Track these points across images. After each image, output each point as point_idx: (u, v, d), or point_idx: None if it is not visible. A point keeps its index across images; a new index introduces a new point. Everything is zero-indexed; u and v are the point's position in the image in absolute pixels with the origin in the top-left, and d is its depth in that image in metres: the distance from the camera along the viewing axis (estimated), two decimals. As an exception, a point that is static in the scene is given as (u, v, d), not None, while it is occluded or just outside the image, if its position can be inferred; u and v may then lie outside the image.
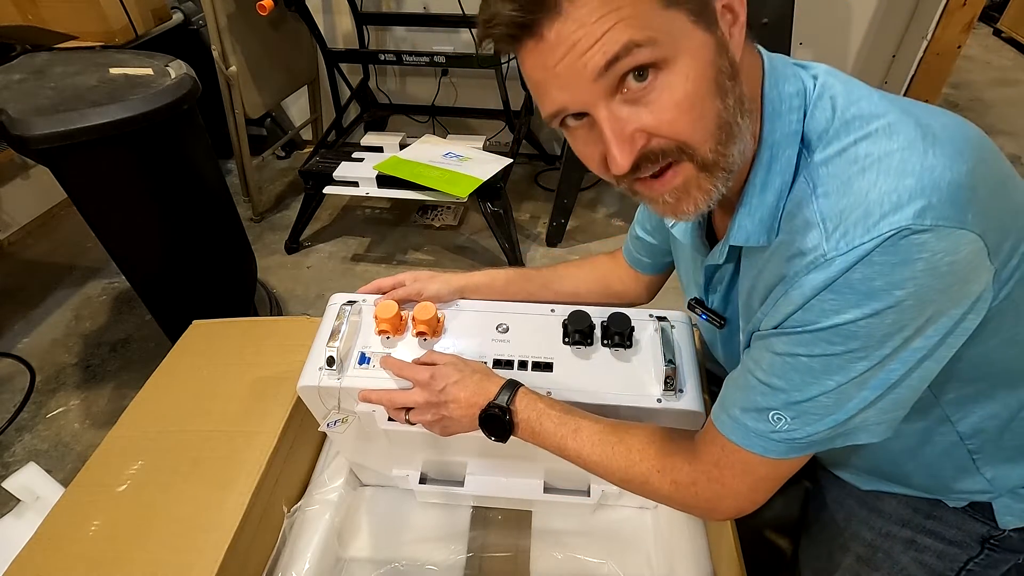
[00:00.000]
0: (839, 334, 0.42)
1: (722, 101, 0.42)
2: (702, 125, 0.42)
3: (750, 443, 0.49)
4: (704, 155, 0.44)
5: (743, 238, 0.49)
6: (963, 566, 0.63)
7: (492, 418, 0.61)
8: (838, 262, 0.40)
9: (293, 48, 2.02)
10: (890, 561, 0.65)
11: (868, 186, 0.40)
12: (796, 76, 0.47)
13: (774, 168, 0.46)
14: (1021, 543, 0.61)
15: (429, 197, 1.65)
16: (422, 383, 0.64)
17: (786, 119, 0.46)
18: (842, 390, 0.45)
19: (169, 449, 0.79)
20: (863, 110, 0.44)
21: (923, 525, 0.63)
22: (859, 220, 0.40)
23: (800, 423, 0.47)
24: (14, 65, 1.20)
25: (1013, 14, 3.27)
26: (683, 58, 0.40)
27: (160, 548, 0.68)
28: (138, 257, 1.21)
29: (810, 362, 0.45)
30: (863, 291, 0.40)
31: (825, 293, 0.42)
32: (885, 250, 0.39)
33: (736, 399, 0.51)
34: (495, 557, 0.84)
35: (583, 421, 0.60)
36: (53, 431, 1.36)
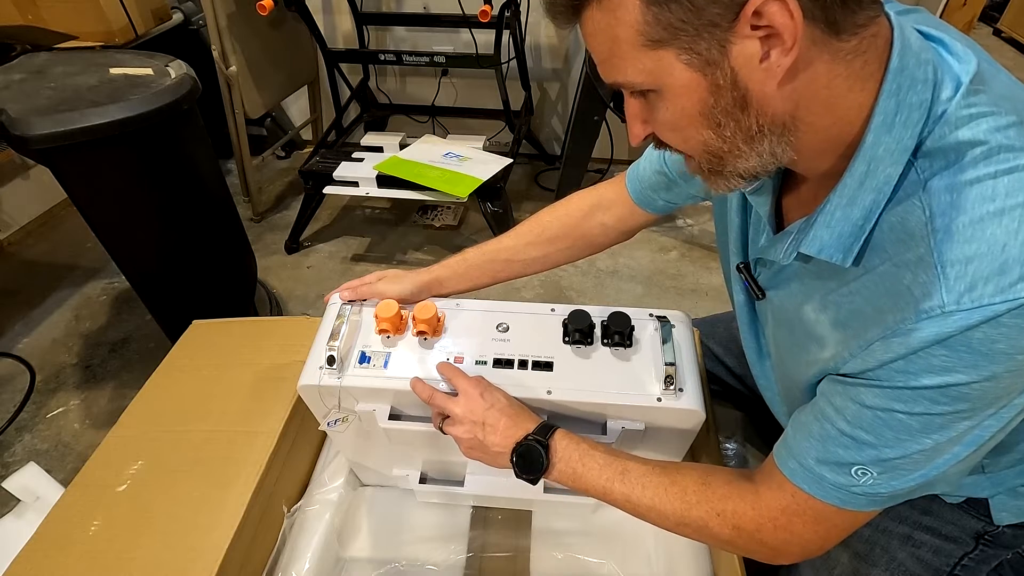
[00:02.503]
0: (947, 395, 0.40)
1: (714, 131, 0.43)
2: (688, 146, 0.45)
3: (826, 495, 0.47)
4: (701, 164, 0.46)
5: (816, 249, 0.45)
6: (958, 561, 0.63)
7: (529, 451, 0.59)
8: (958, 318, 0.37)
9: (293, 48, 2.02)
10: (887, 557, 0.65)
11: (1005, 236, 0.36)
12: (928, 82, 0.40)
13: (868, 184, 0.42)
14: (1014, 539, 0.62)
15: (429, 197, 1.65)
16: (470, 396, 0.62)
17: (898, 134, 0.40)
18: (937, 448, 0.42)
19: (169, 449, 0.79)
20: (1013, 140, 0.38)
21: (919, 521, 0.64)
22: (991, 277, 0.36)
23: (887, 479, 0.45)
24: (14, 65, 1.20)
25: (1013, 14, 3.27)
26: (668, 91, 0.42)
27: (160, 548, 0.68)
28: (138, 257, 1.21)
29: (908, 420, 0.42)
30: (983, 352, 0.37)
31: (936, 348, 0.38)
32: (1018, 315, 0.36)
33: (811, 449, 0.48)
34: (495, 557, 0.84)
35: (630, 463, 0.58)
36: (53, 431, 1.36)
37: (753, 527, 0.51)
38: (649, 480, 0.57)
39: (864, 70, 0.40)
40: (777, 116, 0.42)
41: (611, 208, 0.79)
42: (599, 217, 0.79)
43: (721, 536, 0.54)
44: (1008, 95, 0.41)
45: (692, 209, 1.97)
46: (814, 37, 0.38)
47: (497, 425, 0.61)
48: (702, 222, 1.94)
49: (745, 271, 0.60)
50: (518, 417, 0.62)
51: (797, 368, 0.54)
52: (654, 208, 0.76)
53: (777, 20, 0.36)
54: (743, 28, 0.37)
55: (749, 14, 0.36)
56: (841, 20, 0.38)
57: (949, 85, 0.41)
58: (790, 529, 0.50)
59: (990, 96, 0.40)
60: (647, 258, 1.81)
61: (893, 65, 0.40)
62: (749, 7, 0.36)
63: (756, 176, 0.46)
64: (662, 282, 1.74)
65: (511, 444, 0.60)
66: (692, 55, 0.39)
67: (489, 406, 0.62)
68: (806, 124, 0.42)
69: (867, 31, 0.39)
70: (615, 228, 0.79)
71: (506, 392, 0.64)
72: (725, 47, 0.38)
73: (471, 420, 0.61)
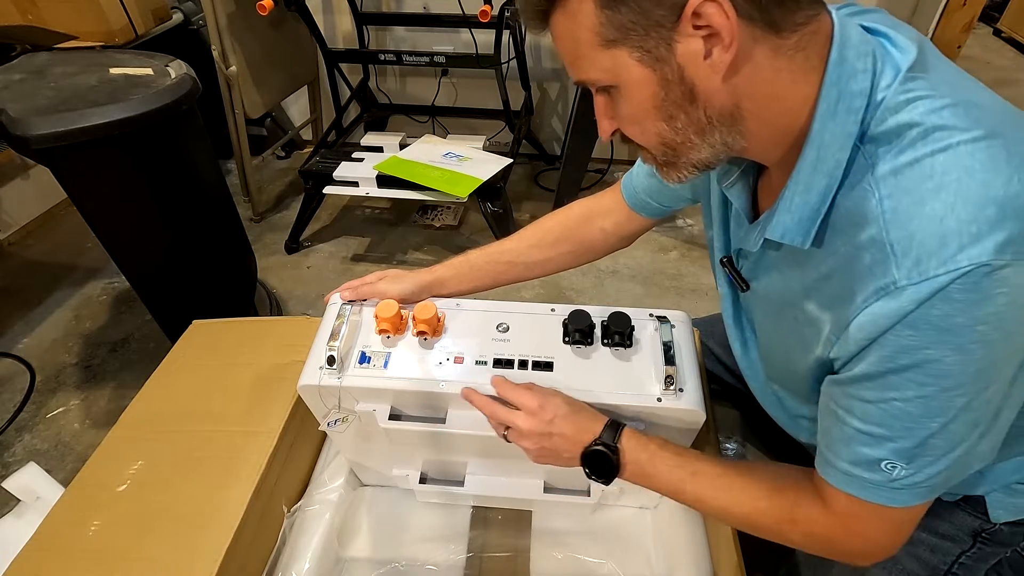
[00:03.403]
0: (928, 373, 0.41)
1: (667, 123, 0.47)
2: (645, 138, 0.50)
3: (872, 495, 0.48)
4: (656, 156, 0.51)
5: (779, 234, 0.48)
6: (955, 559, 0.63)
7: (598, 456, 0.59)
8: (910, 292, 0.39)
9: (293, 48, 2.02)
10: None
11: (943, 210, 0.38)
12: (867, 72, 0.43)
13: (820, 169, 0.45)
14: (1011, 537, 0.62)
15: (429, 197, 1.65)
16: (531, 410, 0.62)
17: (841, 120, 0.43)
18: (950, 429, 0.43)
19: (169, 449, 0.79)
20: (947, 120, 0.41)
21: None
22: (933, 250, 0.38)
23: (916, 467, 0.45)
24: (14, 65, 1.20)
25: (1013, 14, 3.27)
26: (625, 87, 0.46)
27: (160, 548, 0.68)
28: (138, 257, 1.21)
29: (906, 406, 0.43)
30: (945, 327, 0.39)
31: (900, 327, 0.40)
32: (965, 284, 0.37)
33: (840, 452, 0.49)
34: (495, 557, 0.84)
35: (699, 463, 0.58)
36: (53, 431, 1.36)
37: (826, 533, 0.52)
38: (721, 483, 0.57)
39: (806, 63, 0.44)
40: (724, 108, 0.45)
41: (609, 214, 0.80)
42: (599, 223, 0.80)
43: (795, 541, 0.54)
44: (948, 81, 0.44)
45: (692, 209, 1.96)
46: (754, 35, 0.42)
47: (565, 433, 0.61)
48: (702, 222, 1.94)
49: (729, 265, 0.61)
50: (583, 422, 0.62)
51: (788, 357, 0.55)
52: (649, 212, 0.77)
53: (715, 20, 0.40)
54: (686, 28, 0.41)
55: (689, 15, 0.40)
56: (780, 19, 0.42)
57: (889, 73, 0.44)
58: (859, 533, 0.51)
59: (928, 81, 0.43)
60: (647, 258, 1.81)
61: (833, 57, 0.43)
62: (689, 8, 0.40)
63: (710, 166, 0.50)
64: (662, 282, 1.74)
65: (579, 451, 0.61)
66: (643, 53, 0.43)
67: (552, 417, 0.61)
68: (753, 115, 0.45)
69: (807, 28, 0.43)
70: (614, 234, 0.81)
71: (563, 394, 0.64)
72: (671, 45, 0.42)
73: (537, 433, 0.61)
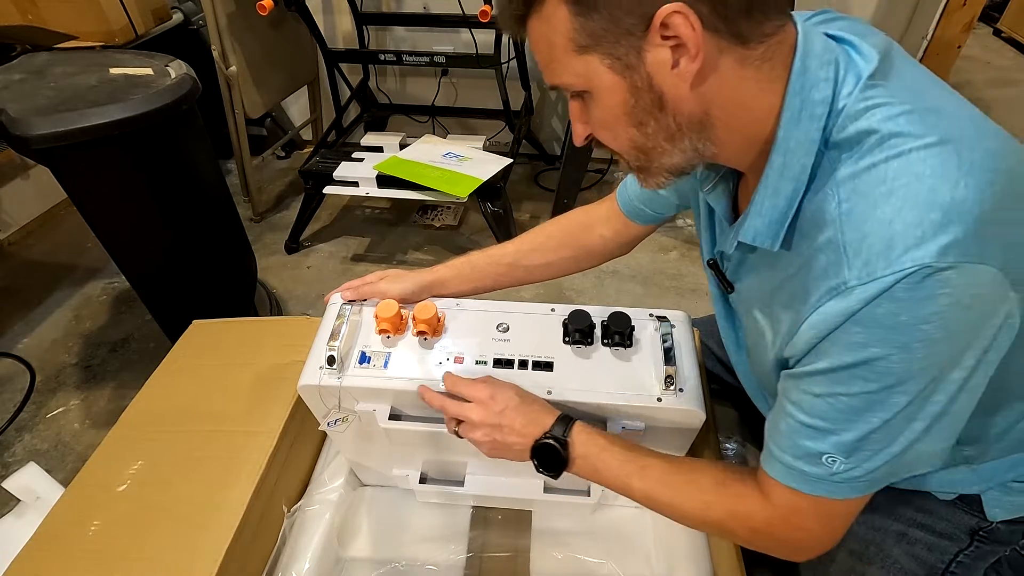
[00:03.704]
0: (873, 370, 0.42)
1: (638, 128, 0.48)
2: (617, 144, 0.51)
3: (812, 488, 0.49)
4: (630, 161, 0.52)
5: (750, 236, 0.49)
6: (953, 558, 0.63)
7: (547, 449, 0.60)
8: (858, 292, 0.40)
9: (293, 48, 2.02)
10: (882, 555, 0.65)
11: (892, 213, 0.40)
12: (829, 80, 0.45)
13: (786, 174, 0.46)
14: (1009, 535, 0.62)
15: (429, 197, 1.65)
16: (481, 401, 0.62)
17: (804, 127, 0.45)
18: (890, 425, 0.44)
19: (169, 449, 0.79)
20: (902, 127, 0.42)
21: (913, 518, 0.64)
22: (881, 252, 0.40)
23: (855, 461, 0.46)
24: (14, 65, 1.20)
25: (1013, 14, 3.27)
26: (597, 93, 0.47)
27: (160, 548, 0.68)
28: (138, 257, 1.21)
29: (851, 400, 0.45)
30: (889, 325, 0.40)
31: (849, 324, 0.42)
32: (909, 285, 0.39)
33: (784, 445, 0.50)
34: (495, 557, 0.84)
35: (649, 459, 0.59)
36: (53, 431, 1.36)
37: (767, 527, 0.53)
38: (669, 479, 0.58)
39: (772, 73, 0.45)
40: (693, 116, 0.46)
41: (608, 222, 0.81)
42: (598, 230, 0.81)
43: (739, 535, 0.55)
44: (908, 87, 0.45)
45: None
46: (720, 46, 0.43)
47: (513, 426, 0.61)
48: (702, 222, 1.94)
49: (714, 267, 0.63)
50: (534, 414, 0.62)
51: (763, 358, 0.56)
52: (644, 220, 0.78)
53: (681, 32, 0.41)
54: (654, 37, 0.42)
55: (657, 25, 0.42)
56: (747, 31, 0.43)
57: (851, 81, 0.45)
58: (798, 526, 0.52)
59: (888, 89, 0.44)
60: (647, 258, 1.81)
61: (796, 66, 0.45)
62: (656, 19, 0.41)
63: (684, 171, 0.51)
64: (662, 282, 1.74)
65: (530, 443, 0.61)
66: (613, 60, 0.45)
67: (502, 408, 0.62)
68: (722, 123, 0.47)
69: (773, 39, 0.44)
70: (613, 240, 0.81)
71: (517, 387, 0.64)
72: (641, 53, 0.44)
73: (488, 424, 0.62)
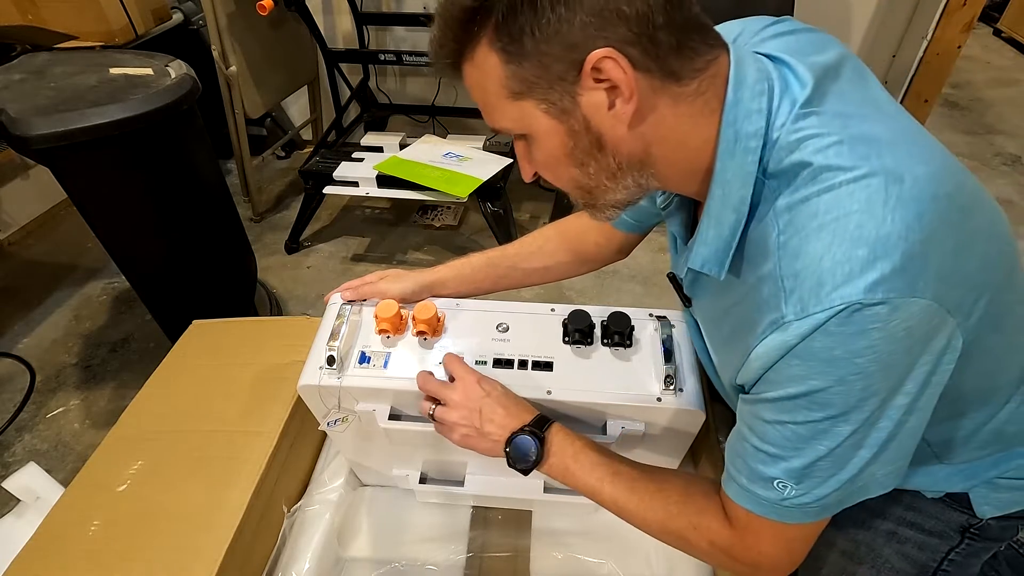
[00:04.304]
0: (815, 401, 0.43)
1: (579, 169, 0.49)
2: (561, 183, 0.52)
3: (765, 511, 0.49)
4: (576, 199, 0.53)
5: (699, 264, 0.50)
6: (945, 556, 0.63)
7: (523, 443, 0.60)
8: (794, 327, 0.41)
9: (293, 48, 2.02)
10: (873, 554, 0.65)
11: (822, 250, 0.40)
12: (762, 112, 0.44)
13: (727, 204, 0.46)
14: (1001, 531, 0.62)
15: (429, 197, 1.65)
16: (468, 383, 0.63)
17: (739, 160, 0.45)
18: (836, 453, 0.45)
19: (169, 449, 0.79)
20: (831, 160, 0.42)
21: (903, 517, 0.64)
22: (813, 289, 0.40)
23: (805, 488, 0.47)
24: (14, 65, 1.20)
25: (1013, 14, 3.27)
26: (535, 136, 0.48)
27: (160, 548, 0.68)
28: (138, 257, 1.21)
29: (797, 428, 0.45)
30: (825, 359, 0.41)
31: (789, 357, 0.42)
32: (840, 321, 0.39)
33: (740, 467, 0.50)
34: (495, 557, 0.84)
35: (622, 465, 0.59)
36: (53, 431, 1.36)
37: (726, 544, 0.53)
38: (637, 485, 0.58)
39: (706, 107, 0.45)
40: (633, 155, 0.47)
41: (600, 229, 0.81)
42: (593, 236, 0.81)
43: (699, 548, 0.55)
44: (841, 112, 0.44)
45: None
46: (653, 86, 0.43)
47: (494, 414, 0.61)
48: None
49: (673, 281, 0.63)
50: (515, 408, 0.62)
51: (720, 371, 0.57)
52: (627, 228, 0.78)
53: (613, 75, 0.42)
54: (587, 81, 0.43)
55: (589, 70, 0.42)
56: (679, 68, 0.43)
57: (784, 110, 0.45)
58: (754, 548, 0.52)
59: (820, 118, 0.44)
60: (647, 258, 1.82)
61: (729, 98, 0.45)
62: (587, 64, 0.42)
63: (630, 203, 0.52)
64: (662, 282, 1.73)
65: (506, 434, 0.61)
66: (548, 104, 0.45)
67: (486, 394, 0.62)
68: (661, 158, 0.47)
69: (706, 73, 0.44)
70: (607, 247, 0.82)
71: (499, 383, 0.65)
72: (575, 97, 0.44)
73: (467, 407, 0.62)
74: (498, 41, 0.44)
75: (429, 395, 0.65)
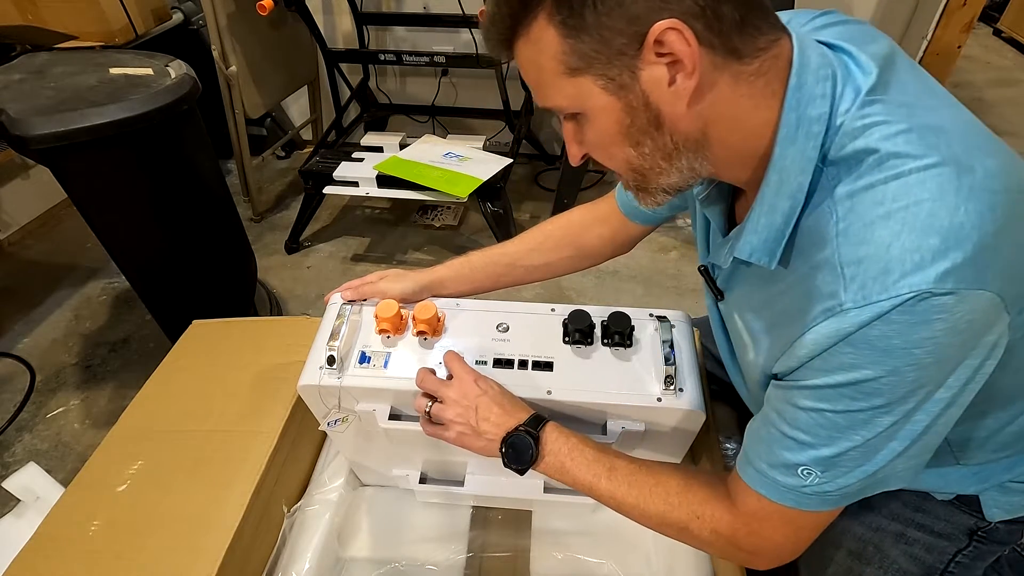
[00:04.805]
0: (861, 390, 0.42)
1: (634, 148, 0.47)
2: (613, 164, 0.50)
3: (782, 497, 0.49)
4: (627, 181, 0.52)
5: (747, 253, 0.49)
6: (952, 558, 0.63)
7: (519, 441, 0.60)
8: (852, 315, 0.40)
9: (293, 48, 2.02)
10: (880, 555, 0.65)
11: (890, 237, 0.39)
12: (826, 97, 0.44)
13: (782, 191, 0.45)
14: (1008, 535, 0.62)
15: (429, 197, 1.65)
16: (465, 381, 0.63)
17: (801, 145, 0.44)
18: (870, 444, 0.44)
19: (169, 449, 0.79)
20: (901, 147, 0.41)
21: (912, 519, 0.64)
22: (878, 275, 0.39)
23: (830, 476, 0.47)
24: (14, 65, 1.20)
25: (1013, 14, 3.27)
26: (590, 114, 0.47)
27: (160, 548, 0.68)
28: (138, 257, 1.21)
29: (835, 417, 0.44)
30: (881, 348, 0.40)
31: (842, 345, 0.41)
32: (904, 310, 0.38)
33: (761, 453, 0.50)
34: (495, 557, 0.84)
35: (618, 460, 0.59)
36: (53, 431, 1.36)
37: (729, 531, 0.53)
38: (635, 479, 0.58)
39: (767, 89, 0.44)
40: (690, 134, 0.46)
41: (606, 221, 0.80)
42: (597, 229, 0.81)
43: (700, 538, 0.55)
44: (907, 102, 0.44)
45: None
46: (715, 62, 0.42)
47: (490, 413, 0.61)
48: (702, 222, 1.94)
49: (705, 274, 0.62)
50: (511, 407, 0.62)
51: (750, 368, 0.56)
52: (642, 219, 0.77)
53: (676, 48, 0.40)
54: (649, 55, 0.42)
55: (651, 43, 0.41)
56: (741, 45, 0.42)
57: (848, 97, 0.44)
58: (760, 534, 0.52)
59: (886, 105, 0.43)
60: (647, 258, 1.82)
61: (792, 82, 0.44)
62: (650, 37, 0.40)
63: (680, 190, 0.51)
64: (662, 282, 1.74)
65: (502, 433, 0.61)
66: (607, 80, 0.44)
67: (483, 392, 0.62)
68: (718, 140, 0.46)
69: (768, 53, 0.43)
70: (612, 240, 0.81)
71: (497, 383, 0.65)
72: (635, 72, 0.43)
73: (464, 405, 0.62)
74: (557, 14, 0.42)
75: (426, 392, 0.65)
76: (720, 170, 0.50)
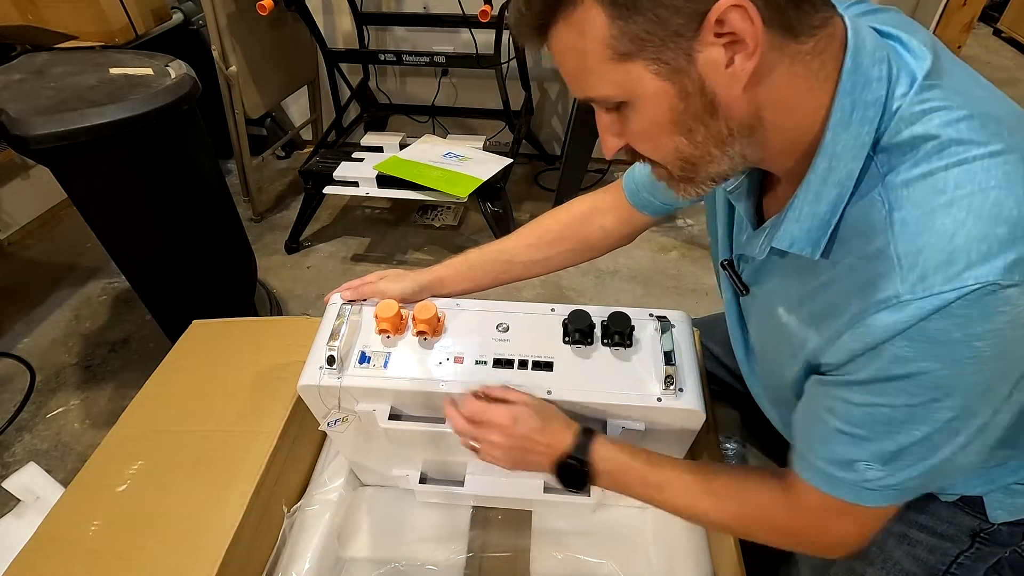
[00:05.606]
0: (919, 384, 0.41)
1: (686, 136, 0.44)
2: (660, 154, 0.47)
3: (842, 493, 0.48)
4: (672, 171, 0.48)
5: (787, 243, 0.47)
6: (954, 559, 0.63)
7: (570, 470, 0.60)
8: (913, 307, 0.38)
9: (293, 48, 2.02)
10: (883, 555, 0.66)
11: (954, 226, 0.37)
12: (883, 80, 0.42)
13: (831, 179, 0.43)
14: (1010, 537, 0.62)
15: (429, 197, 1.65)
16: (504, 429, 0.62)
17: (855, 131, 0.42)
18: (931, 438, 0.43)
19: (169, 449, 0.79)
20: (963, 134, 0.39)
21: (915, 519, 0.64)
22: (940, 265, 0.37)
23: (892, 470, 0.46)
24: (14, 65, 1.20)
25: (1013, 14, 3.27)
26: (639, 102, 0.43)
27: (160, 548, 0.68)
28: (138, 257, 1.21)
29: (892, 412, 0.43)
30: (941, 341, 0.39)
31: (899, 339, 0.40)
32: (968, 302, 0.37)
33: (817, 450, 0.49)
34: (495, 557, 0.84)
35: (670, 472, 0.60)
36: (53, 431, 1.36)
37: (793, 530, 0.53)
38: (692, 487, 0.58)
39: (821, 71, 0.42)
40: (744, 119, 0.43)
41: (610, 212, 0.79)
42: (599, 221, 0.80)
43: (767, 539, 0.56)
44: (962, 90, 0.43)
45: (692, 209, 1.97)
46: (773, 42, 0.40)
47: (536, 449, 0.62)
48: (702, 222, 1.94)
49: (730, 268, 0.61)
50: (555, 432, 0.62)
51: (780, 364, 0.55)
52: (650, 210, 0.76)
53: (739, 26, 0.38)
54: (707, 36, 0.39)
55: (712, 22, 0.38)
56: (797, 23, 0.40)
57: (904, 81, 0.42)
58: (826, 529, 0.52)
59: (944, 91, 0.42)
60: (647, 258, 1.81)
61: (847, 65, 0.42)
62: (712, 15, 0.38)
63: (726, 178, 0.49)
64: (662, 282, 1.74)
65: (553, 458, 0.62)
66: (660, 65, 0.41)
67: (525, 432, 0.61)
68: (771, 124, 0.44)
69: (823, 32, 0.41)
70: (614, 232, 0.80)
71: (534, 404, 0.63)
72: (691, 55, 0.40)
73: (508, 447, 0.62)
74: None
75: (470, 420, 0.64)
76: (768, 156, 0.47)
